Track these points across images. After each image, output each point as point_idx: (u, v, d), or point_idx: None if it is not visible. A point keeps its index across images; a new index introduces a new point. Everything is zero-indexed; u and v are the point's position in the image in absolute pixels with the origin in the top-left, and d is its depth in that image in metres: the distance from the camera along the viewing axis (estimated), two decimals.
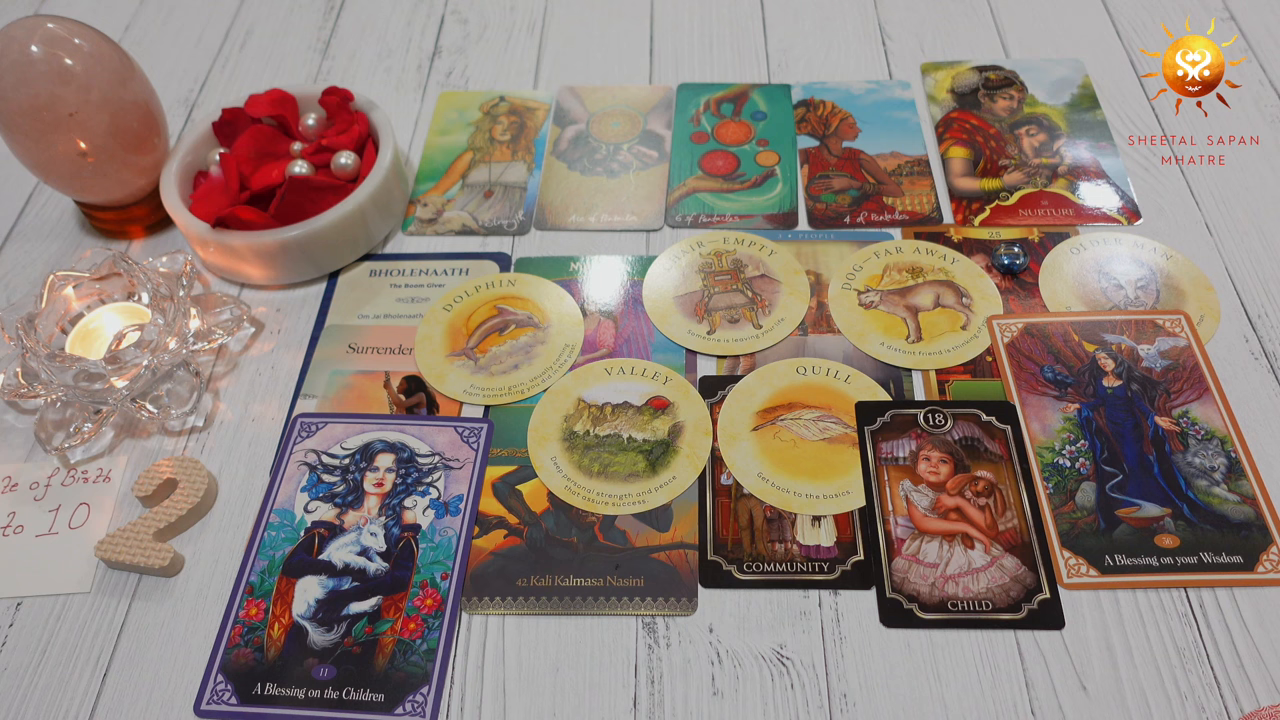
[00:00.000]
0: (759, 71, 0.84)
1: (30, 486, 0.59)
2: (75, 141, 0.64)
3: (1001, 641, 0.51)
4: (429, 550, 0.55)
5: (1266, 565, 0.52)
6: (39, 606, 0.54)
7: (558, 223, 0.73)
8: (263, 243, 0.65)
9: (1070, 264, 0.67)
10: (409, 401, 0.62)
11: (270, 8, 0.93)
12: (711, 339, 0.64)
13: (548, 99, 0.82)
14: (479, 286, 0.68)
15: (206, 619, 0.53)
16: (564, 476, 0.58)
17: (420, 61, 0.86)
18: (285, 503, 0.57)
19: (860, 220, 0.71)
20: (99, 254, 0.64)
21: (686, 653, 0.51)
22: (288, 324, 0.67)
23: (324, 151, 0.69)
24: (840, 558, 0.54)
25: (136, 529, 0.55)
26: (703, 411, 0.60)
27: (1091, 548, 0.53)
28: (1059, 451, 0.57)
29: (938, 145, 0.76)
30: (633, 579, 0.53)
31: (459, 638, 0.52)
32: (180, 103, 0.84)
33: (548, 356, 0.64)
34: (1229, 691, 0.49)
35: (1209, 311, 0.64)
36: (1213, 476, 0.56)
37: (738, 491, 0.57)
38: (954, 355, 0.63)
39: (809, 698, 0.49)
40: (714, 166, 0.76)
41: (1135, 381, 0.60)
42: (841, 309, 0.66)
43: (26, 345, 0.59)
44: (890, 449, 0.58)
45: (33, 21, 0.62)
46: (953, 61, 0.83)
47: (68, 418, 0.60)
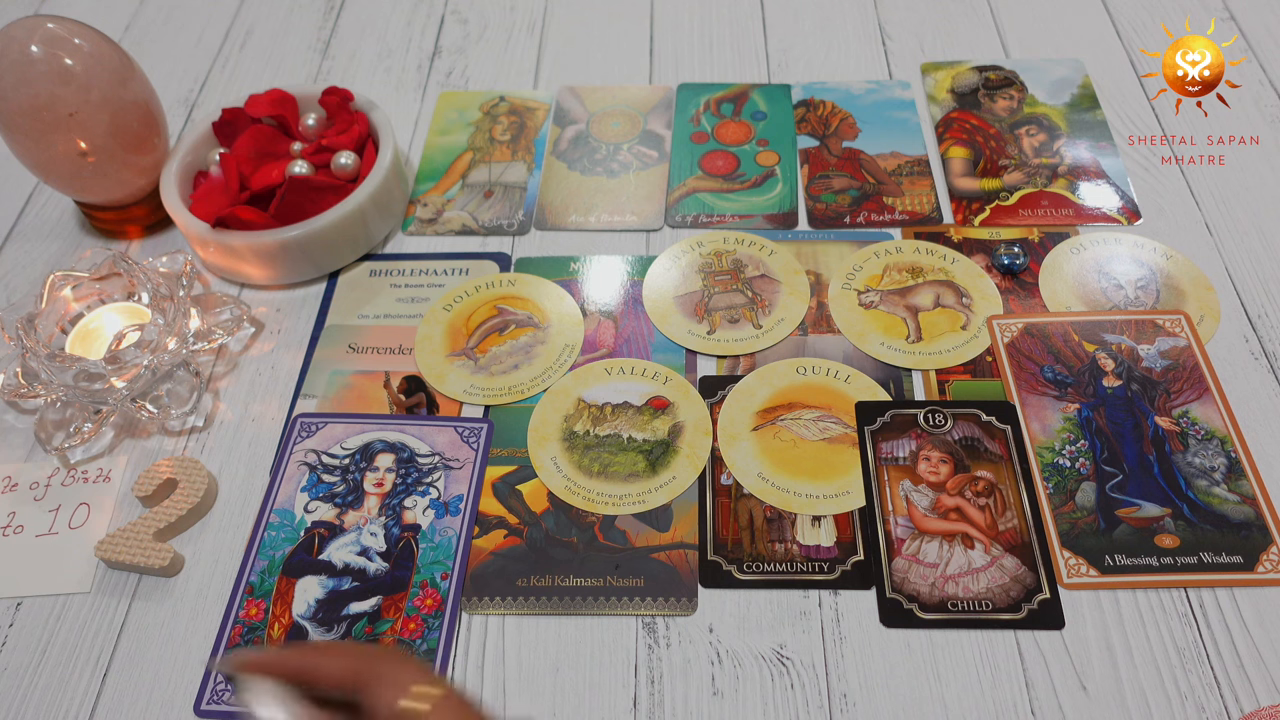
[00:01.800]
0: (759, 71, 0.84)
1: (30, 486, 0.59)
2: (75, 141, 0.64)
3: (1001, 641, 0.51)
4: (429, 550, 0.55)
5: (1266, 565, 0.52)
6: (39, 606, 0.54)
7: (558, 223, 0.73)
8: (263, 243, 0.65)
9: (1070, 264, 0.67)
10: (409, 401, 0.62)
11: (270, 8, 0.93)
12: (711, 339, 0.64)
13: (548, 99, 0.82)
14: (479, 286, 0.68)
15: (206, 619, 0.53)
16: (564, 476, 0.58)
17: (420, 61, 0.86)
18: (285, 503, 0.57)
19: (860, 220, 0.71)
20: (99, 254, 0.64)
21: (686, 653, 0.51)
22: (288, 324, 0.67)
23: (324, 151, 0.69)
24: (840, 558, 0.54)
25: (136, 529, 0.55)
26: (703, 411, 0.60)
27: (1091, 548, 0.53)
28: (1059, 451, 0.57)
29: (938, 145, 0.76)
30: (633, 579, 0.53)
31: (459, 638, 0.52)
32: (180, 103, 0.84)
33: (548, 356, 0.64)
34: (1229, 691, 0.49)
35: (1209, 311, 0.64)
36: (1213, 476, 0.56)
37: (738, 491, 0.57)
38: (954, 355, 0.63)
39: (809, 698, 0.49)
40: (714, 166, 0.76)
41: (1135, 381, 0.60)
42: (841, 309, 0.66)
43: (26, 345, 0.59)
44: (890, 449, 0.58)
45: (33, 21, 0.62)
46: (953, 61, 0.83)
47: (68, 418, 0.60)
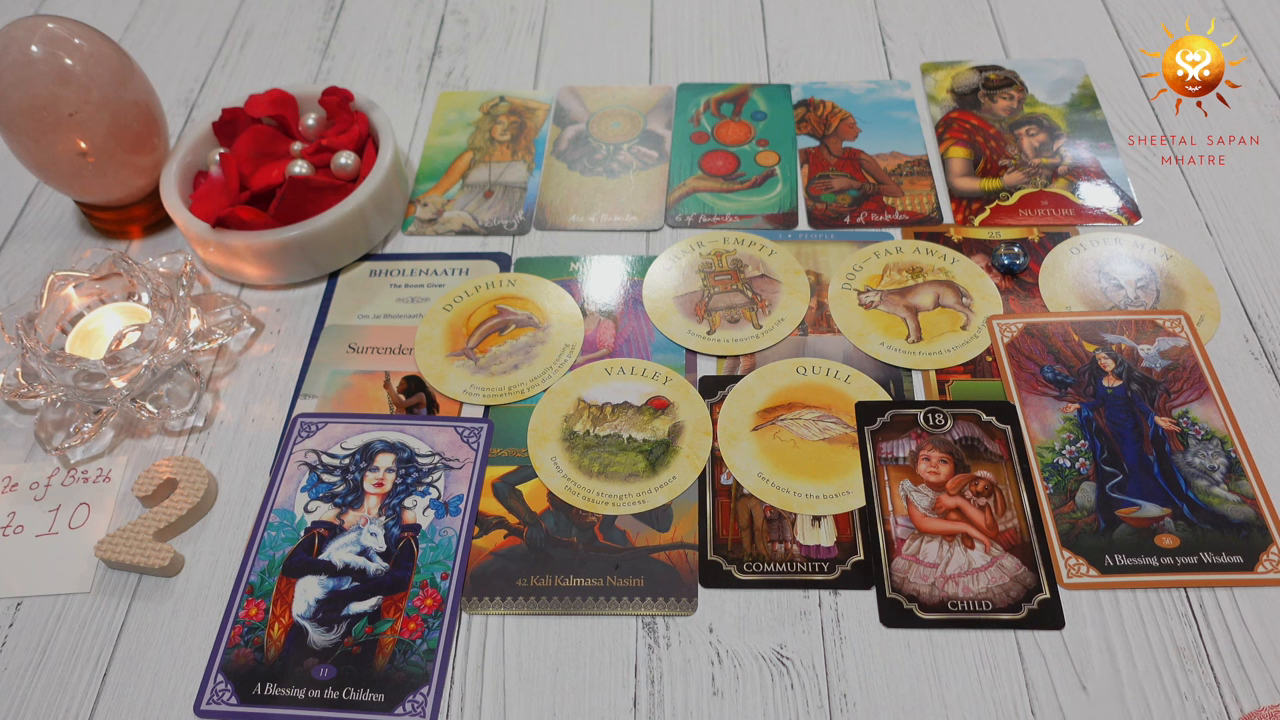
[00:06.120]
0: (759, 71, 0.84)
1: (30, 486, 0.59)
2: (75, 141, 0.64)
3: (1001, 641, 0.51)
4: (429, 550, 0.55)
5: (1266, 565, 0.52)
6: (39, 606, 0.54)
7: (558, 223, 0.73)
8: (262, 243, 0.65)
9: (1070, 264, 0.67)
10: (409, 401, 0.62)
11: (270, 8, 0.93)
12: (711, 339, 0.64)
13: (548, 99, 0.82)
14: (479, 286, 0.68)
15: (206, 619, 0.53)
16: (564, 476, 0.58)
17: (420, 61, 0.86)
18: (285, 503, 0.57)
19: (860, 220, 0.71)
20: (99, 254, 0.64)
21: (686, 653, 0.51)
22: (288, 324, 0.67)
23: (324, 151, 0.69)
24: (840, 558, 0.54)
25: (136, 529, 0.55)
26: (703, 411, 0.60)
27: (1091, 548, 0.53)
28: (1059, 451, 0.57)
29: (938, 145, 0.76)
30: (633, 579, 0.53)
31: (459, 638, 0.52)
32: (180, 103, 0.84)
33: (548, 356, 0.64)
34: (1229, 691, 0.49)
35: (1209, 311, 0.64)
36: (1213, 476, 0.56)
37: (738, 491, 0.57)
38: (954, 355, 0.63)
39: (809, 698, 0.49)
40: (714, 166, 0.76)
41: (1135, 381, 0.60)
42: (841, 309, 0.66)
43: (26, 345, 0.59)
44: (890, 449, 0.58)
45: (33, 21, 0.62)
46: (953, 61, 0.83)
47: (68, 418, 0.60)
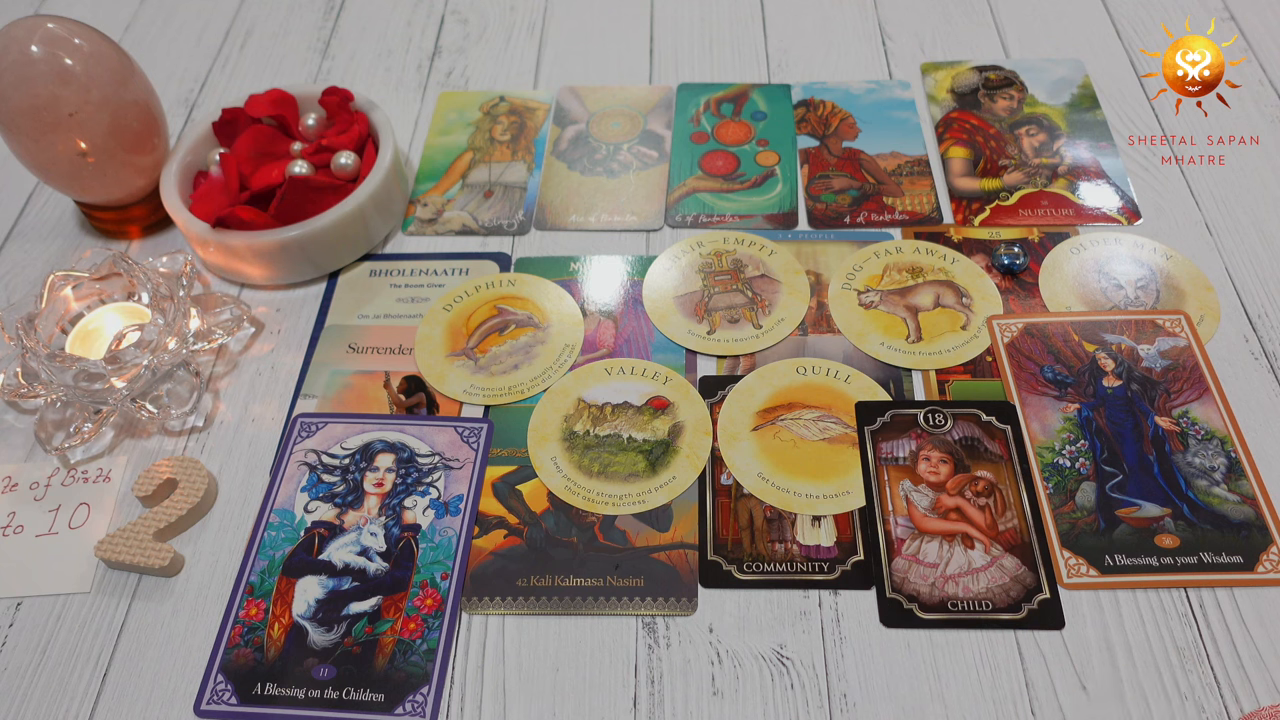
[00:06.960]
0: (759, 71, 0.84)
1: (30, 486, 0.59)
2: (75, 141, 0.64)
3: (1001, 641, 0.51)
4: (429, 550, 0.55)
5: (1266, 565, 0.52)
6: (39, 606, 0.54)
7: (558, 223, 0.73)
8: (262, 243, 0.65)
9: (1070, 264, 0.67)
10: (409, 401, 0.62)
11: (270, 8, 0.93)
12: (711, 339, 0.64)
13: (548, 99, 0.82)
14: (479, 286, 0.68)
15: (206, 619, 0.53)
16: (564, 476, 0.58)
17: (420, 61, 0.86)
18: (285, 503, 0.57)
19: (860, 220, 0.71)
20: (99, 254, 0.64)
21: (686, 653, 0.51)
22: (288, 324, 0.67)
23: (324, 151, 0.69)
24: (840, 558, 0.54)
25: (136, 529, 0.55)
26: (703, 411, 0.60)
27: (1091, 548, 0.53)
28: (1059, 451, 0.57)
29: (938, 145, 0.76)
30: (633, 579, 0.53)
31: (459, 638, 0.52)
32: (180, 103, 0.84)
33: (548, 356, 0.64)
34: (1229, 691, 0.49)
35: (1209, 311, 0.64)
36: (1213, 476, 0.56)
37: (738, 491, 0.57)
38: (954, 355, 0.63)
39: (809, 698, 0.49)
40: (714, 166, 0.76)
41: (1135, 381, 0.60)
42: (841, 309, 0.66)
43: (26, 345, 0.59)
44: (890, 449, 0.58)
45: (33, 21, 0.62)
46: (953, 61, 0.83)
47: (68, 418, 0.60)
